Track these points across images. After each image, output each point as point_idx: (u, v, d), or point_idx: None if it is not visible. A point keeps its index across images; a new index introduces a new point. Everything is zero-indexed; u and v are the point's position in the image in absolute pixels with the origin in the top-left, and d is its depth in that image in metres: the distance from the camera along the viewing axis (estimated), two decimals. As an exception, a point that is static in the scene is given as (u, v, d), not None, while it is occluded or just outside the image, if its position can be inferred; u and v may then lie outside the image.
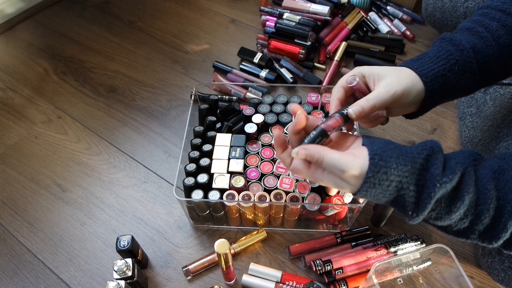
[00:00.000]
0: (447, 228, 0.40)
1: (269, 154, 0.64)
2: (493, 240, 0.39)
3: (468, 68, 0.47)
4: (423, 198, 0.37)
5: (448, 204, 0.38)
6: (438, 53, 0.47)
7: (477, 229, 0.39)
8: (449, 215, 0.38)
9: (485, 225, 0.38)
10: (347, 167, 0.38)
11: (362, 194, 0.39)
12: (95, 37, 1.05)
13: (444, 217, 0.38)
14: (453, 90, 0.47)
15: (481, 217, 0.37)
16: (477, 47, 0.47)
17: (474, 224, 0.38)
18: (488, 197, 0.37)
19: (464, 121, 0.76)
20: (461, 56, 0.46)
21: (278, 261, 0.64)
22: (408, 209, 0.38)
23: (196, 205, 0.61)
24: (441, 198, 0.37)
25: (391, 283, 0.61)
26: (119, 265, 0.53)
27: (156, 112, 0.86)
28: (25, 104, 0.89)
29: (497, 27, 0.47)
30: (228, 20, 1.09)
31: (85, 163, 0.78)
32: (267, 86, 0.86)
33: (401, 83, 0.44)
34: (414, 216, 0.38)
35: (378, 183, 0.37)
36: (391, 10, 1.05)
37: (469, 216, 0.38)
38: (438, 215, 0.38)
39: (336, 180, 0.40)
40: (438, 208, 0.38)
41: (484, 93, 0.73)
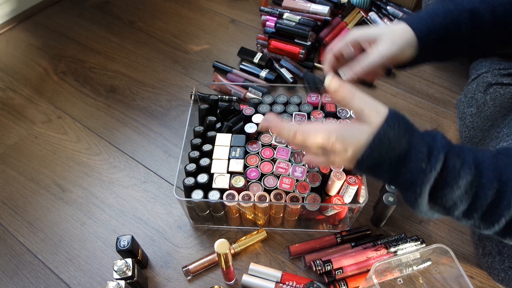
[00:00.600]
0: (452, 208, 0.40)
1: (269, 154, 0.64)
2: (495, 221, 0.39)
3: (463, 29, 0.48)
4: (434, 153, 0.38)
5: (457, 168, 0.38)
6: (437, 9, 0.49)
7: (480, 206, 0.38)
8: (457, 180, 0.38)
9: (488, 200, 0.38)
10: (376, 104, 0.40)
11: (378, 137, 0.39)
12: (95, 37, 1.05)
13: (452, 182, 0.38)
14: (445, 49, 0.50)
15: (485, 189, 0.37)
16: (477, 9, 0.48)
17: (478, 197, 0.38)
18: (490, 170, 0.38)
19: (464, 121, 0.76)
20: (459, 16, 0.48)
21: (278, 261, 0.64)
22: (421, 162, 0.38)
23: (196, 205, 0.61)
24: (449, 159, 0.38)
25: (391, 283, 0.61)
26: (119, 265, 0.53)
27: (156, 112, 0.86)
28: (25, 104, 0.89)
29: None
30: (228, 20, 1.09)
31: (85, 163, 0.78)
32: (267, 86, 0.86)
33: (395, 43, 0.47)
34: (428, 171, 0.38)
35: (397, 125, 0.39)
36: (391, 10, 1.05)
37: (473, 188, 0.38)
38: (446, 179, 0.38)
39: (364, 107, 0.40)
40: (446, 170, 0.38)
41: (484, 93, 0.73)
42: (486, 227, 0.40)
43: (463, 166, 0.38)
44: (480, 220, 0.40)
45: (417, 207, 0.40)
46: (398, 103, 0.86)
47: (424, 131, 0.41)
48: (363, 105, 0.40)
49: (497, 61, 0.75)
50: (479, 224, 0.40)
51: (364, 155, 0.40)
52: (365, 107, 0.40)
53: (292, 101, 0.71)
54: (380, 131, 0.39)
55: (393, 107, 0.40)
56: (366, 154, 0.40)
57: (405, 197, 0.42)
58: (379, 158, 0.40)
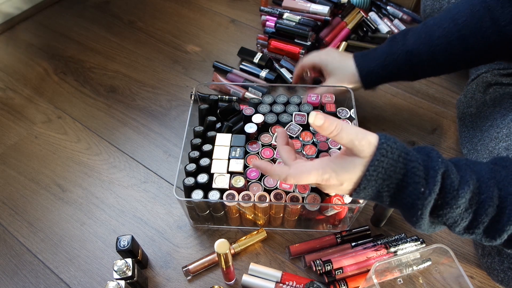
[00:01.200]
0: (453, 225, 0.40)
1: (269, 154, 0.64)
2: (497, 235, 0.39)
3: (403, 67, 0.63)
4: (430, 173, 0.38)
5: (456, 187, 0.38)
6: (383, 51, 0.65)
7: (481, 222, 0.38)
8: (456, 200, 0.37)
9: (489, 216, 0.38)
10: (365, 134, 0.39)
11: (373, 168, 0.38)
12: (95, 37, 1.05)
13: (451, 202, 0.38)
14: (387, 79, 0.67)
15: (485, 206, 0.37)
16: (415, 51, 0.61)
17: (478, 215, 0.38)
18: (490, 185, 0.38)
19: (464, 121, 0.76)
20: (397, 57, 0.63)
21: (278, 261, 0.64)
22: (419, 185, 0.38)
23: (196, 205, 0.61)
24: (447, 178, 0.38)
25: (391, 283, 0.61)
26: (119, 265, 0.53)
27: (156, 112, 0.86)
28: (25, 104, 0.89)
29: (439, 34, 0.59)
30: (228, 20, 1.09)
31: (85, 163, 0.78)
32: (267, 86, 0.86)
33: (343, 83, 0.69)
34: (427, 194, 0.37)
35: (390, 151, 0.38)
36: (391, 10, 1.05)
37: (473, 205, 0.38)
38: (445, 199, 0.38)
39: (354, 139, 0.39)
40: (445, 190, 0.38)
41: (484, 93, 0.73)
42: (488, 241, 0.40)
43: (461, 185, 0.38)
44: (482, 235, 0.40)
45: (418, 227, 0.41)
46: (398, 103, 0.86)
47: (417, 148, 0.41)
48: (353, 137, 0.39)
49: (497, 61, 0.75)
50: (481, 238, 0.40)
51: (361, 186, 0.40)
52: (355, 139, 0.39)
53: (292, 101, 0.71)
54: (374, 161, 0.38)
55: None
56: (363, 185, 0.40)
57: (405, 217, 0.42)
58: (376, 187, 0.39)
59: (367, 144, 0.39)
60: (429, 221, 0.40)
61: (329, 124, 0.39)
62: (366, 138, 0.39)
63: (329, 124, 0.39)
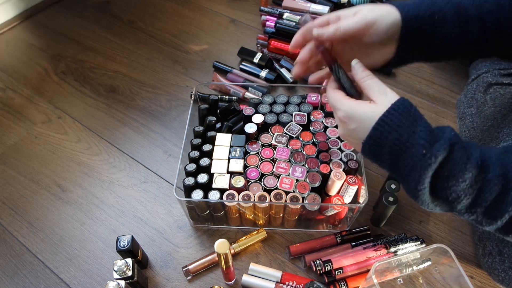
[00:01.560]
0: (456, 201, 0.39)
1: (269, 154, 0.64)
2: (498, 216, 0.38)
3: (449, 20, 0.46)
4: (439, 141, 0.38)
5: (464, 160, 0.38)
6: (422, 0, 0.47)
7: (484, 201, 0.38)
8: (463, 173, 0.38)
9: (493, 195, 0.38)
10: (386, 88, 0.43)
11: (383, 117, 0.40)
12: (95, 37, 1.05)
13: (458, 175, 0.38)
14: (429, 38, 0.47)
15: (490, 185, 0.37)
16: (463, 3, 0.47)
17: (482, 192, 0.38)
18: (496, 166, 0.38)
19: (464, 121, 0.76)
20: (445, 6, 0.46)
21: (278, 261, 0.64)
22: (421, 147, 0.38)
23: (196, 205, 0.61)
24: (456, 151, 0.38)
25: (391, 283, 0.61)
26: (119, 265, 0.53)
27: (156, 112, 0.86)
28: (25, 104, 0.89)
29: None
30: (228, 20, 1.09)
31: (85, 163, 0.78)
32: (267, 86, 0.86)
33: (374, 10, 0.46)
34: (427, 157, 0.38)
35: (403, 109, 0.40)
36: (391, 10, 1.05)
37: (478, 183, 0.38)
38: (452, 171, 0.38)
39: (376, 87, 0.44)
40: (452, 161, 0.38)
41: (484, 93, 0.73)
42: (489, 222, 0.40)
43: (469, 160, 0.38)
44: (483, 216, 0.40)
45: (418, 196, 0.40)
46: (398, 103, 0.86)
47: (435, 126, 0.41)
48: (375, 84, 0.43)
49: (497, 61, 0.75)
50: (481, 220, 0.40)
51: (368, 135, 0.42)
52: (378, 87, 0.43)
53: (292, 101, 0.71)
54: (385, 112, 0.40)
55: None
56: (370, 134, 0.42)
57: (406, 186, 0.42)
58: (382, 140, 0.41)
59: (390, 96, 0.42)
60: (431, 195, 0.40)
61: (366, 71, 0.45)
62: (389, 92, 0.43)
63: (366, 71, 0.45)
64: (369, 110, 0.42)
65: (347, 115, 0.44)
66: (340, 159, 0.63)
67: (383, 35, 0.46)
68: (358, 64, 0.46)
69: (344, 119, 0.45)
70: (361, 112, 0.43)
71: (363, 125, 0.42)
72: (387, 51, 0.49)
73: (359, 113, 0.43)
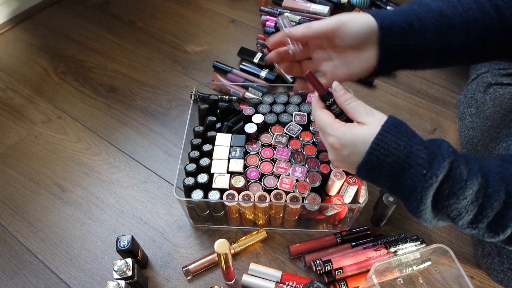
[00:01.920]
0: (457, 218, 0.39)
1: (269, 154, 0.64)
2: (500, 230, 0.38)
3: (431, 29, 0.45)
4: (437, 159, 0.38)
5: (464, 178, 0.37)
6: (401, 8, 0.47)
7: (486, 216, 0.38)
8: (463, 191, 0.37)
9: (495, 211, 0.37)
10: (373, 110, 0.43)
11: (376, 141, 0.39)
12: (95, 37, 1.05)
13: (458, 192, 0.37)
14: (410, 48, 0.46)
15: (492, 200, 0.37)
16: (445, 12, 0.45)
17: (484, 208, 0.38)
18: (497, 180, 0.37)
19: (463, 121, 0.76)
20: (425, 16, 0.45)
21: (278, 261, 0.64)
22: (421, 168, 0.38)
23: (196, 205, 0.61)
24: (456, 168, 0.38)
25: (391, 283, 0.61)
26: (119, 265, 0.53)
27: (156, 112, 0.86)
28: (25, 104, 0.89)
29: (470, 2, 0.46)
30: (228, 20, 1.09)
31: (85, 163, 0.78)
32: (267, 86, 0.86)
33: (345, 15, 0.46)
34: (428, 178, 0.37)
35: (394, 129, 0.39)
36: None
37: (479, 199, 0.37)
38: (452, 189, 0.37)
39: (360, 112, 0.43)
40: (452, 179, 0.37)
41: (483, 93, 0.73)
42: (491, 236, 0.40)
43: (469, 176, 0.37)
44: (485, 230, 0.39)
45: (420, 215, 0.40)
46: (398, 103, 0.86)
47: (428, 139, 0.41)
48: (361, 107, 0.43)
49: (497, 61, 0.75)
50: (484, 234, 0.40)
51: (363, 160, 0.40)
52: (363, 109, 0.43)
53: (292, 101, 0.71)
54: (378, 135, 0.39)
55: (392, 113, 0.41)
56: (364, 159, 0.40)
57: (407, 205, 0.41)
58: (378, 164, 0.39)
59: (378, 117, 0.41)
60: (433, 212, 0.40)
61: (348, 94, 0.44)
62: (376, 113, 0.42)
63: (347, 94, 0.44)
64: (361, 133, 0.41)
65: (340, 142, 0.42)
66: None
67: (354, 35, 0.45)
68: (339, 86, 0.45)
69: (337, 145, 0.42)
70: (353, 136, 0.41)
71: (357, 149, 0.41)
72: (365, 57, 0.47)
73: (352, 138, 0.41)
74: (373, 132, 0.40)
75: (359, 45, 0.46)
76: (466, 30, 0.45)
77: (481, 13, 0.45)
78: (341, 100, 0.44)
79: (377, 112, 0.42)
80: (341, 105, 0.44)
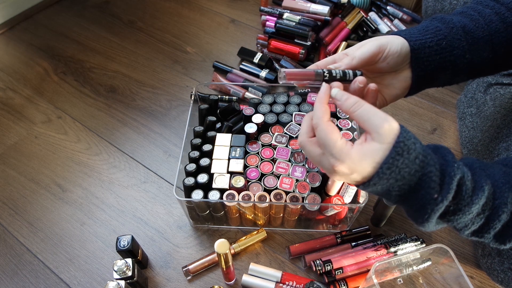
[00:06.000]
0: (463, 229, 0.39)
1: (269, 154, 0.64)
2: (507, 240, 0.38)
3: (457, 45, 0.45)
4: (446, 179, 0.36)
5: (470, 194, 0.36)
6: (426, 27, 0.46)
7: (493, 227, 0.38)
8: (470, 207, 0.36)
9: (502, 221, 0.37)
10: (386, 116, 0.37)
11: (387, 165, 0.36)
12: (95, 37, 1.05)
13: (464, 209, 0.36)
14: (440, 66, 0.46)
15: (499, 212, 0.37)
16: (468, 27, 0.46)
17: (490, 220, 0.37)
18: (504, 191, 0.37)
19: (464, 121, 0.76)
20: (450, 33, 0.45)
21: (278, 261, 0.64)
22: (433, 191, 0.36)
23: (196, 205, 0.61)
24: (462, 185, 0.36)
25: (391, 283, 0.61)
26: (119, 265, 0.53)
27: (156, 112, 0.86)
28: (25, 104, 0.89)
29: (490, 13, 0.47)
30: (228, 20, 1.09)
31: (85, 163, 0.78)
32: (267, 86, 0.86)
33: (381, 38, 0.45)
34: (439, 201, 0.36)
35: (407, 151, 0.35)
36: (391, 10, 1.05)
37: (486, 211, 0.37)
38: (458, 206, 0.36)
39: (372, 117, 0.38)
40: (459, 197, 0.36)
41: (484, 93, 0.73)
42: (497, 245, 0.40)
43: (475, 191, 0.37)
44: (492, 239, 0.39)
45: (422, 227, 0.39)
46: (398, 103, 0.86)
47: (432, 147, 0.39)
48: (371, 116, 0.37)
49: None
50: (489, 242, 0.40)
51: (370, 182, 0.38)
52: (373, 118, 0.37)
53: (292, 101, 0.71)
54: (388, 158, 0.36)
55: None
56: (373, 182, 0.37)
57: (411, 216, 0.40)
58: (387, 186, 0.37)
59: (388, 128, 0.36)
60: (437, 223, 0.39)
61: (351, 100, 0.39)
62: (387, 121, 0.36)
63: (350, 100, 0.39)
64: (371, 153, 0.37)
65: (349, 167, 0.38)
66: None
67: (397, 57, 0.45)
68: (339, 92, 0.41)
69: (346, 171, 0.38)
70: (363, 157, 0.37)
71: (365, 170, 0.37)
72: (402, 78, 0.47)
73: (361, 160, 0.37)
74: (383, 153, 0.36)
75: (399, 65, 0.46)
76: (491, 43, 0.46)
77: (503, 24, 0.46)
78: (346, 107, 0.40)
79: (385, 121, 0.36)
80: (346, 112, 0.40)
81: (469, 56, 0.46)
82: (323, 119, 0.41)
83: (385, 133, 0.36)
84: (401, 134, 0.36)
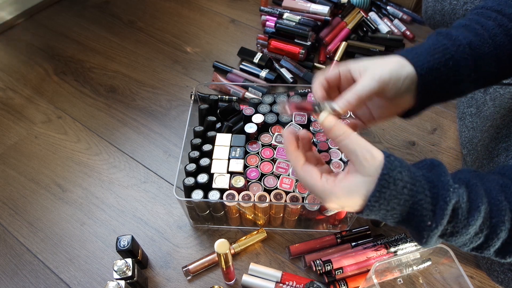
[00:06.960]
0: (462, 247, 0.39)
1: (269, 154, 0.64)
2: (507, 255, 0.38)
3: (463, 64, 0.44)
4: (439, 205, 0.35)
5: (466, 216, 0.36)
6: (434, 45, 0.45)
7: (492, 245, 0.37)
8: (467, 229, 0.36)
9: (501, 239, 0.37)
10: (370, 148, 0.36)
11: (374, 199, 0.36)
12: (95, 37, 1.05)
13: (461, 231, 0.36)
14: (446, 86, 0.45)
15: (497, 230, 0.36)
16: (474, 44, 0.45)
17: (489, 238, 0.37)
18: (501, 209, 0.36)
19: (464, 121, 0.76)
20: (457, 52, 0.44)
21: (278, 261, 0.64)
22: (426, 218, 0.36)
23: (196, 205, 0.61)
24: (458, 209, 0.36)
25: (391, 283, 0.61)
26: (119, 265, 0.53)
27: (156, 112, 0.86)
28: (25, 104, 0.89)
29: (493, 26, 0.46)
30: (228, 20, 1.09)
31: (85, 163, 0.78)
32: (267, 86, 0.86)
33: (386, 67, 0.42)
34: (433, 227, 0.36)
35: (393, 182, 0.35)
36: (391, 10, 1.05)
37: (484, 230, 0.37)
38: (455, 228, 0.36)
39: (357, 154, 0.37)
40: (455, 220, 0.36)
41: (484, 93, 0.73)
42: (499, 259, 0.40)
43: (471, 212, 0.36)
44: (492, 255, 0.39)
45: (423, 246, 0.39)
46: (398, 103, 0.86)
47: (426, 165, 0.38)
48: (357, 147, 0.37)
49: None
50: (491, 256, 0.40)
51: (363, 214, 0.38)
52: (358, 150, 0.36)
53: (292, 101, 0.71)
54: (375, 192, 0.35)
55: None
56: (365, 213, 0.38)
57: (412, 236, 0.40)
58: (380, 216, 0.38)
59: (371, 160, 0.36)
60: (436, 242, 0.39)
61: (337, 129, 0.38)
62: (371, 152, 0.36)
63: (337, 129, 0.38)
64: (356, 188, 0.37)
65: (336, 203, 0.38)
66: (340, 159, 0.63)
67: (399, 92, 0.44)
68: (327, 119, 0.39)
69: (338, 206, 0.39)
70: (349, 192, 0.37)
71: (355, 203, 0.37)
72: (401, 102, 0.46)
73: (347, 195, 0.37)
74: (369, 187, 0.36)
75: (401, 94, 0.44)
76: (496, 58, 0.46)
77: (507, 37, 0.45)
78: (332, 137, 0.39)
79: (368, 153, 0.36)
80: (333, 140, 0.39)
81: (475, 72, 0.46)
82: (298, 166, 0.41)
83: (368, 165, 0.36)
84: (385, 165, 0.35)
